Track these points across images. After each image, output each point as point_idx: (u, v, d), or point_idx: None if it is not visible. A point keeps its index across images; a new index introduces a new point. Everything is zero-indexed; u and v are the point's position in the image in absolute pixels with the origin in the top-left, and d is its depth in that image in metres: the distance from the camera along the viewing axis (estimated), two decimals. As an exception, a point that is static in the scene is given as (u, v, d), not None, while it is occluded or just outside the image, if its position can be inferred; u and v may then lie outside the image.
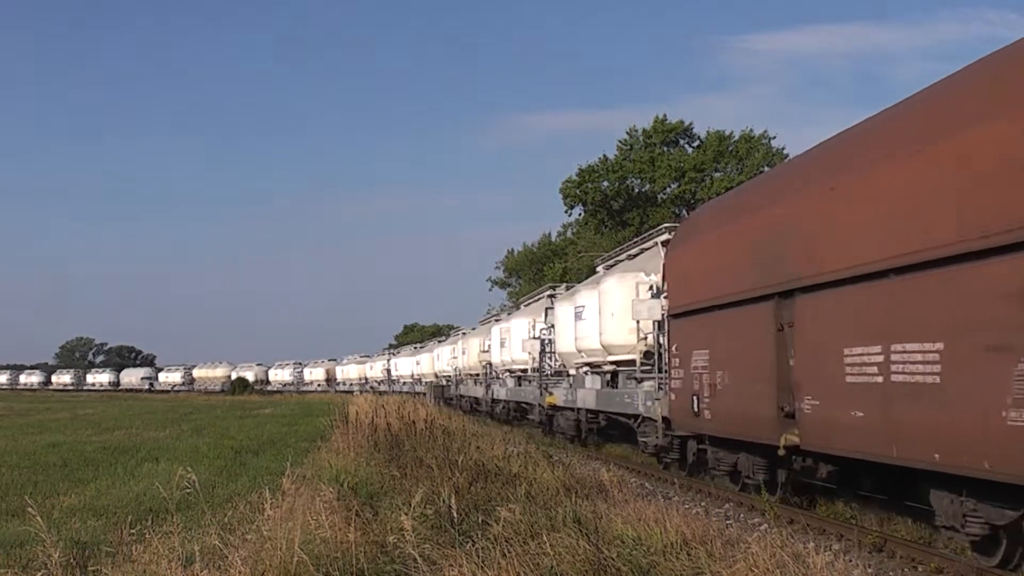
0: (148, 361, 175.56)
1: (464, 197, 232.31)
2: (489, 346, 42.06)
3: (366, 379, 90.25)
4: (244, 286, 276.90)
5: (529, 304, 39.10)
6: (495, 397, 40.97)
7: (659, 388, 18.92)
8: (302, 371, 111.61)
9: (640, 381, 20.70)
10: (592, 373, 25.46)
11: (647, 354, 20.24)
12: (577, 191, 59.44)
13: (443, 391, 55.88)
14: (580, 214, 61.99)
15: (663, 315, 18.81)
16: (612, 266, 25.56)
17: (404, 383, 73.36)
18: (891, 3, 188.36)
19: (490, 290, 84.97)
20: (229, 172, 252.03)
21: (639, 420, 20.61)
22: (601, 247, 48.28)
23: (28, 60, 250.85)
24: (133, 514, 12.23)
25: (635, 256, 23.85)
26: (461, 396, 51.24)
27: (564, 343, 27.71)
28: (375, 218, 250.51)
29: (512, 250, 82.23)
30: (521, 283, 76.93)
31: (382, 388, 75.88)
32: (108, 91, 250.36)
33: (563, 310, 27.97)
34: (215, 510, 12.22)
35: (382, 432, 20.68)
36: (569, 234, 71.84)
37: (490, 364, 42.10)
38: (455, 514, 10.09)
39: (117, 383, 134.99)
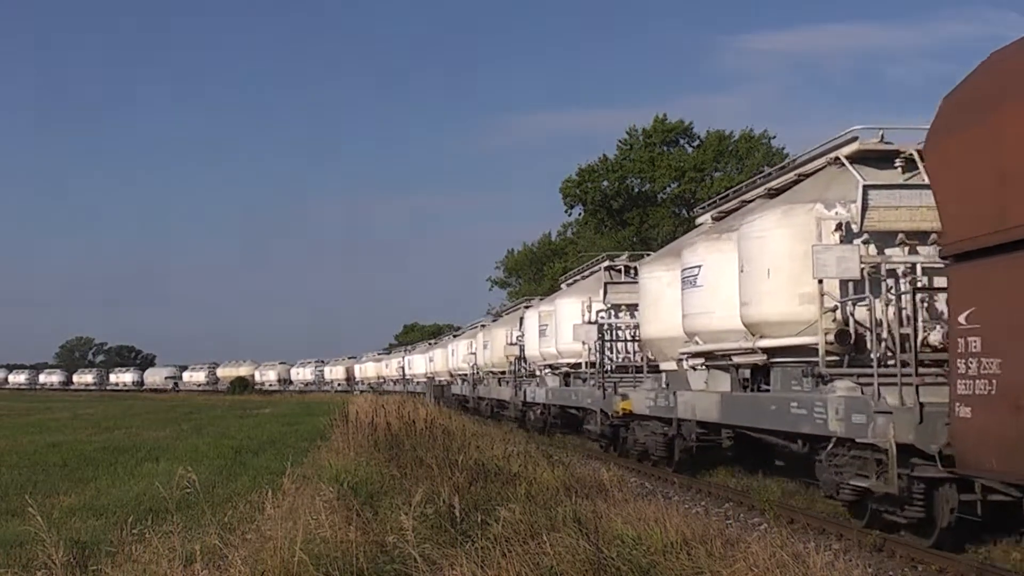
0: (148, 361, 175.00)
1: (464, 196, 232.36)
2: (519, 337, 34.56)
3: (382, 378, 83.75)
4: (241, 286, 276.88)
5: (575, 282, 30.87)
6: (529, 400, 32.88)
7: (877, 394, 11.65)
8: (323, 370, 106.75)
9: (826, 380, 13.01)
10: (712, 368, 17.56)
11: (840, 335, 12.82)
12: (577, 191, 59.53)
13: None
14: (580, 214, 62.13)
15: (864, 270, 12.63)
16: (733, 211, 17.67)
17: (418, 382, 66.27)
18: (891, 3, 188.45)
19: (490, 290, 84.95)
20: (228, 172, 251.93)
21: (830, 444, 12.74)
22: (601, 247, 48.25)
23: (28, 60, 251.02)
24: (133, 514, 12.22)
25: (778, 192, 15.91)
26: (480, 399, 43.84)
27: (656, 325, 19.86)
28: (375, 217, 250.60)
29: (512, 250, 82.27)
30: (521, 283, 76.90)
31: (397, 388, 69.17)
32: (107, 89, 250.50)
33: (654, 278, 20.03)
34: (215, 510, 12.22)
35: (382, 432, 20.67)
36: (569, 234, 71.86)
37: (521, 359, 34.52)
38: (455, 514, 10.09)
39: (141, 383, 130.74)
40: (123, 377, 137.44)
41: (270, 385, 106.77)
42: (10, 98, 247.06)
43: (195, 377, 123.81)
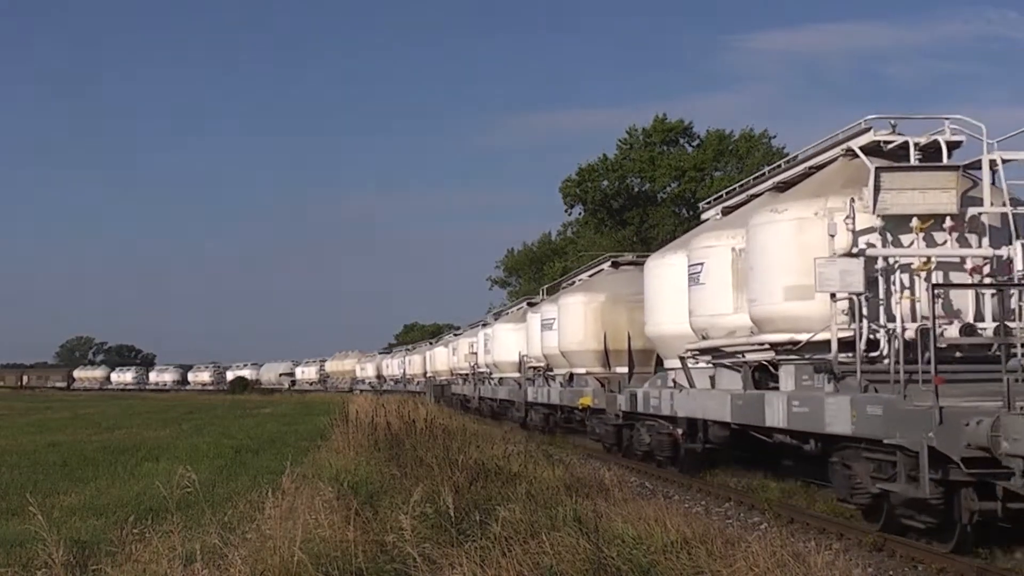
0: (149, 360, 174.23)
1: (464, 196, 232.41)
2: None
3: (451, 371, 60.19)
4: (242, 286, 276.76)
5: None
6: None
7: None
8: (406, 360, 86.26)
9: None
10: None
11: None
12: (577, 190, 59.55)
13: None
14: (580, 213, 62.17)
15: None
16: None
17: (498, 378, 40.48)
18: (891, 2, 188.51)
19: (490, 289, 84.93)
20: (228, 172, 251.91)
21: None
22: (601, 246, 48.22)
23: (29, 60, 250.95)
24: (133, 513, 12.22)
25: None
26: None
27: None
28: (375, 217, 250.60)
29: (512, 249, 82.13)
30: (521, 282, 76.83)
31: (465, 390, 47.27)
32: (106, 89, 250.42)
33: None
34: (215, 509, 12.19)
35: (382, 431, 20.66)
36: (569, 233, 71.76)
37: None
38: (455, 513, 10.08)
39: (259, 381, 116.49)
40: (243, 372, 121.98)
41: (369, 383, 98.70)
42: (11, 94, 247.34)
43: (307, 374, 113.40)
